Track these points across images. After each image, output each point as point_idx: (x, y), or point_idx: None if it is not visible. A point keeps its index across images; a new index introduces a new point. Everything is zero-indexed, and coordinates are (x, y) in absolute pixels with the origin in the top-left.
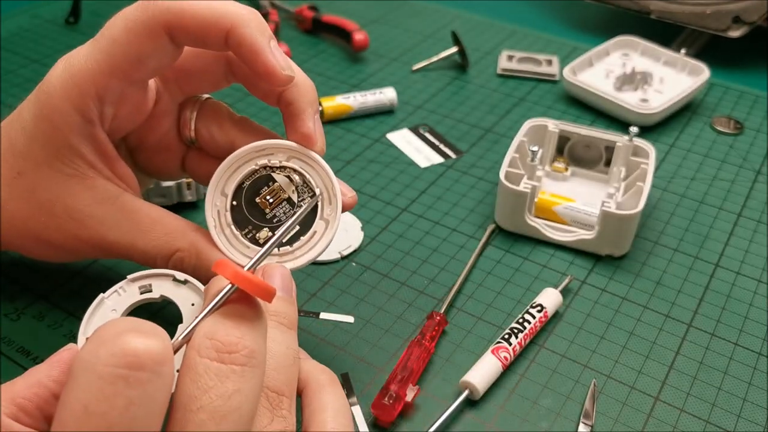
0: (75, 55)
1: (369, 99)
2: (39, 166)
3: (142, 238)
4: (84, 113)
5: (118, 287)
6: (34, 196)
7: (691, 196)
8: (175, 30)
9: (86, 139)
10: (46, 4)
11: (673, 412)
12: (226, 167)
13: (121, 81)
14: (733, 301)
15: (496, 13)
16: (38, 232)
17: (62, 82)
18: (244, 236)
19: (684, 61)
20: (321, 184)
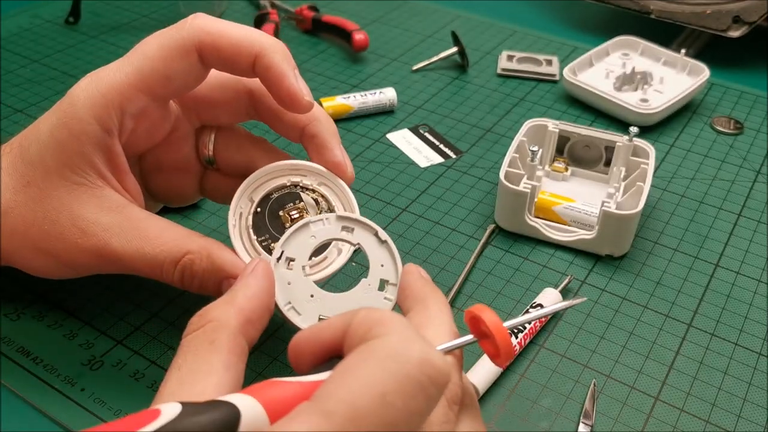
0: (103, 69)
1: (369, 99)
2: (48, 174)
3: (150, 244)
4: (104, 123)
5: (324, 217)
6: (39, 205)
7: (691, 196)
8: (207, 50)
9: (101, 149)
10: (46, 4)
11: (673, 412)
12: (259, 175)
13: (146, 95)
14: (733, 301)
15: (496, 13)
16: (39, 242)
17: (87, 92)
18: (260, 243)
19: (684, 61)
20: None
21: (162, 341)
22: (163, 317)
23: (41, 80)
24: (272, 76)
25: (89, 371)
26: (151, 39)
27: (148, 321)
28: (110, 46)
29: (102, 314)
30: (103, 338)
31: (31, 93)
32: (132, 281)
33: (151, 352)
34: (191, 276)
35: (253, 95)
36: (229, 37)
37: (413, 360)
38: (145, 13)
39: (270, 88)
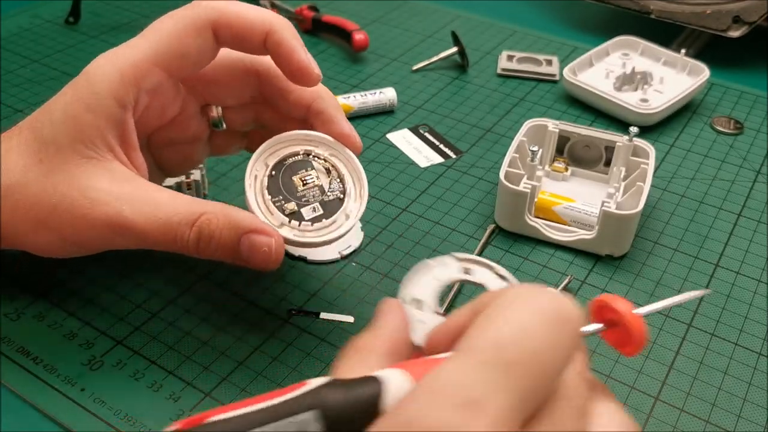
0: (119, 47)
1: (369, 99)
2: (61, 149)
3: (162, 210)
4: (119, 98)
5: (443, 259)
6: (49, 179)
7: (691, 196)
8: (221, 28)
9: (115, 124)
10: (46, 4)
11: (673, 412)
12: (274, 142)
13: (161, 71)
14: (733, 301)
15: (496, 13)
16: (44, 217)
17: (103, 68)
18: (273, 203)
19: (684, 61)
20: (352, 183)
21: (162, 341)
22: (163, 317)
23: (41, 80)
24: (283, 50)
25: (89, 371)
26: (165, 18)
27: (148, 321)
28: (110, 46)
29: (102, 314)
30: (103, 338)
31: (31, 93)
32: (132, 282)
33: (151, 352)
34: (209, 236)
35: (260, 75)
36: (241, 15)
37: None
38: (145, 13)
39: (280, 63)
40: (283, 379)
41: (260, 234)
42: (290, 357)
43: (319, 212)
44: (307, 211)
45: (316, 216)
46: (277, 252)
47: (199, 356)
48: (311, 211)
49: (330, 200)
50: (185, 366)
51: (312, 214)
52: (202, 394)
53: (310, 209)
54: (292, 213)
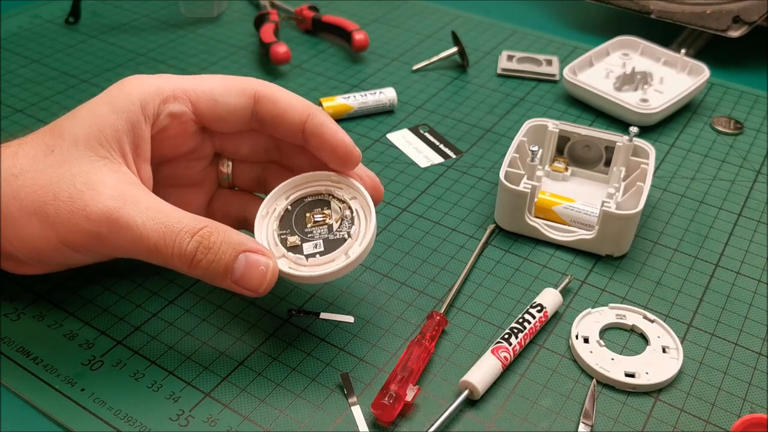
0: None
1: (369, 99)
2: (76, 143)
3: (165, 216)
4: (145, 107)
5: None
6: (57, 169)
7: (691, 196)
8: (264, 100)
9: (133, 130)
10: (46, 4)
11: (673, 412)
12: (299, 180)
13: (190, 104)
14: (733, 301)
15: (496, 13)
16: (42, 205)
17: (139, 80)
18: (279, 236)
19: (684, 61)
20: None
21: (162, 341)
22: (163, 317)
23: (41, 80)
24: (325, 132)
25: (89, 371)
26: (216, 75)
27: (148, 321)
28: (110, 46)
29: (102, 314)
30: (103, 338)
31: (31, 93)
32: (132, 282)
33: (151, 352)
34: (207, 247)
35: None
36: (285, 95)
37: None
38: (145, 13)
39: (322, 145)
40: (283, 379)
41: (258, 254)
42: (290, 357)
43: (320, 249)
44: (308, 247)
45: (316, 252)
46: (271, 275)
47: (199, 356)
48: (313, 247)
49: (335, 239)
50: (185, 366)
51: (312, 250)
52: (202, 394)
53: (311, 245)
54: (293, 246)
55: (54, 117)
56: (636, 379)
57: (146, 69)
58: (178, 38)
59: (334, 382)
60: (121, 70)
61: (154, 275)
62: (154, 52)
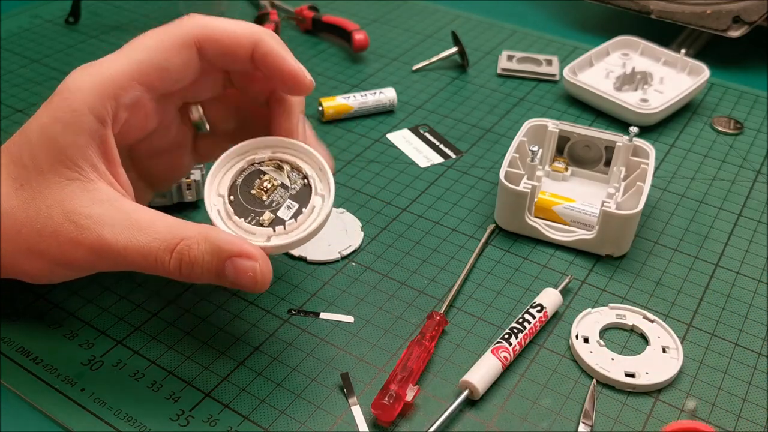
0: (97, 61)
1: (369, 99)
2: (42, 173)
3: (142, 233)
4: (98, 113)
5: (599, 310)
6: (32, 205)
7: (691, 196)
8: (207, 43)
9: (94, 140)
10: (46, 4)
11: (674, 412)
12: (215, 172)
13: (141, 86)
14: (733, 301)
15: (496, 13)
16: (32, 244)
17: (80, 83)
18: (249, 223)
19: (684, 61)
20: (309, 165)
21: (162, 341)
22: (163, 317)
23: (41, 80)
24: (273, 60)
25: (89, 371)
26: (148, 33)
27: (148, 321)
28: (110, 46)
29: (102, 314)
30: (103, 338)
31: (31, 93)
32: (132, 282)
33: (151, 352)
34: (190, 263)
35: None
36: (227, 30)
37: None
38: (145, 13)
39: (271, 74)
40: (283, 379)
41: (244, 258)
42: (290, 357)
43: (295, 207)
44: (284, 212)
45: (294, 212)
46: (263, 275)
47: (199, 356)
48: (287, 209)
49: (298, 191)
50: (185, 366)
51: (289, 212)
52: (202, 394)
53: (285, 209)
54: (271, 222)
55: None
56: (636, 379)
57: None
58: None
59: (334, 382)
60: None
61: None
62: None
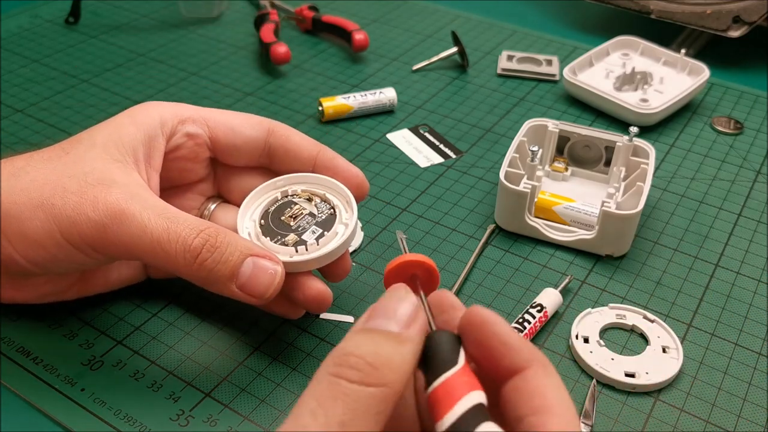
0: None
1: (369, 99)
2: (93, 146)
3: (172, 212)
4: (164, 123)
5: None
6: (70, 167)
7: (691, 196)
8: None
9: (148, 141)
10: (46, 4)
11: (673, 412)
12: (249, 202)
13: (207, 129)
14: (733, 301)
15: (496, 13)
16: (50, 195)
17: (162, 103)
18: (275, 243)
19: (684, 61)
20: (337, 198)
21: (162, 341)
22: (163, 317)
23: (41, 80)
24: (340, 164)
25: (89, 371)
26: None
27: (148, 321)
28: (110, 46)
29: (102, 314)
30: (103, 338)
31: (31, 93)
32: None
33: (151, 352)
34: (213, 246)
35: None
36: (297, 133)
37: None
38: (145, 13)
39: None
40: (283, 379)
41: (267, 259)
42: (290, 357)
43: (319, 232)
44: (308, 235)
45: (318, 235)
46: (280, 279)
47: (199, 356)
48: (311, 234)
49: (324, 219)
50: (185, 366)
51: (313, 236)
52: (202, 394)
53: (309, 233)
54: (295, 243)
55: (54, 117)
56: (636, 379)
57: (146, 69)
58: (178, 38)
59: None
60: (121, 70)
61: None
62: (154, 52)
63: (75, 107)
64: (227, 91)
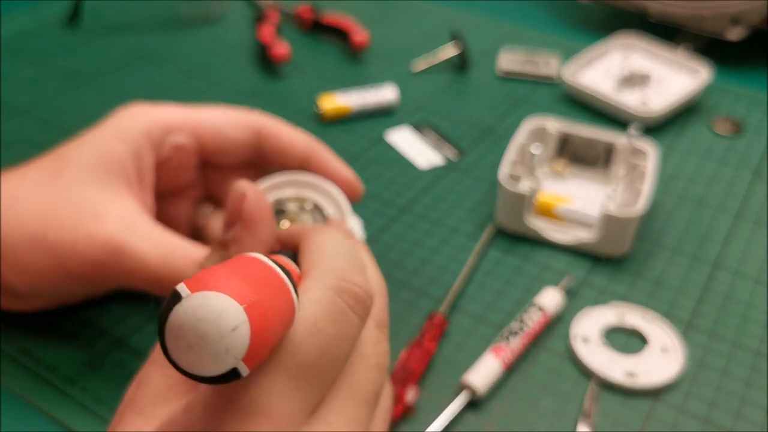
0: (164, 103)
1: (369, 99)
2: (83, 169)
3: (169, 240)
4: (150, 136)
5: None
6: (63, 193)
7: (691, 197)
8: (269, 135)
9: (138, 160)
10: (46, 4)
11: (673, 412)
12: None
13: (194, 138)
14: (732, 301)
15: (496, 13)
16: (45, 232)
17: (145, 109)
18: None
19: (683, 62)
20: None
21: None
22: None
23: (42, 80)
24: (330, 170)
25: (90, 371)
26: (219, 106)
27: (149, 321)
28: (111, 47)
29: (103, 314)
30: (104, 338)
31: (31, 93)
32: None
33: None
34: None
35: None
36: (288, 132)
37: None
38: (145, 13)
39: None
40: None
41: None
42: None
43: None
44: None
45: None
46: None
47: None
48: None
49: None
50: None
51: None
52: None
53: None
54: None
55: (54, 117)
56: (635, 379)
57: (147, 69)
58: (178, 38)
59: None
60: (121, 70)
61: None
62: (154, 53)
63: (75, 107)
64: (227, 91)
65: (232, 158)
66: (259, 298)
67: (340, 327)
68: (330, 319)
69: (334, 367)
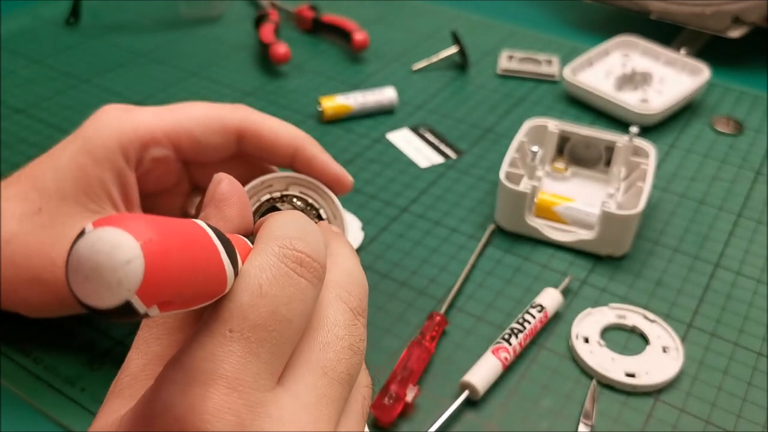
0: (140, 108)
1: (369, 99)
2: (65, 200)
3: None
4: (127, 155)
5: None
6: (49, 231)
7: (691, 196)
8: (249, 137)
9: (118, 179)
10: (46, 4)
11: (673, 412)
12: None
13: (172, 148)
14: (733, 301)
15: (496, 13)
16: (40, 272)
17: (116, 122)
18: None
19: (684, 61)
20: (323, 203)
21: None
22: None
23: (41, 80)
24: (317, 165)
25: (89, 371)
26: (197, 104)
27: None
28: (111, 47)
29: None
30: (104, 338)
31: (31, 93)
32: None
33: None
34: None
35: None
36: (272, 129)
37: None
38: (145, 13)
39: (314, 175)
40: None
41: None
42: None
43: None
44: None
45: None
46: None
47: None
48: None
49: None
50: None
51: None
52: None
53: None
54: None
55: (54, 117)
56: (636, 379)
57: (146, 69)
58: (178, 38)
59: None
60: (121, 70)
61: None
62: (154, 52)
63: (75, 107)
64: (227, 91)
65: (213, 159)
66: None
67: (286, 289)
68: (275, 283)
69: (288, 330)
